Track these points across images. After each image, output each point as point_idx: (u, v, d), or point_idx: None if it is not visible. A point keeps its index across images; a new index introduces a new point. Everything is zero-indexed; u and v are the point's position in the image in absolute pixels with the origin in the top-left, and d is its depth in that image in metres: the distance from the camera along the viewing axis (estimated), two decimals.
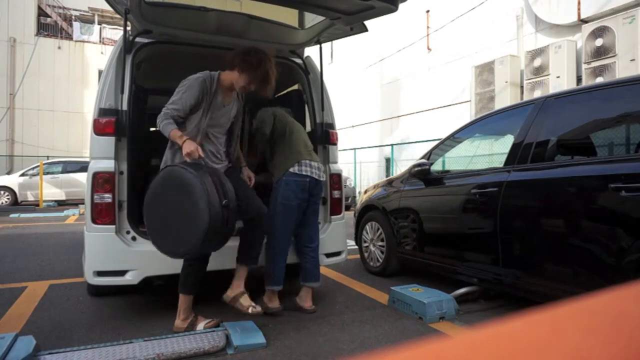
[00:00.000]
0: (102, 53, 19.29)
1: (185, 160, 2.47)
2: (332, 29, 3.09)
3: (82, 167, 12.66)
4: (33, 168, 13.19)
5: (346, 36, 3.28)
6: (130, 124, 2.85)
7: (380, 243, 4.19)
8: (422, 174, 3.71)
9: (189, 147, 2.42)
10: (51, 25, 19.64)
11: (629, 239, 2.19)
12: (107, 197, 2.70)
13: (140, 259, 2.75)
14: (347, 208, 8.84)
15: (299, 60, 3.52)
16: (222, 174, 2.53)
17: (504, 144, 4.36)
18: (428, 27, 11.97)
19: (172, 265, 2.86)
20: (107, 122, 2.76)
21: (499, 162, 3.79)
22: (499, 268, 2.87)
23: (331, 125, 3.47)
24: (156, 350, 2.26)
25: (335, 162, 3.50)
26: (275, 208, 2.96)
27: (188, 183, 2.32)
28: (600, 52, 7.31)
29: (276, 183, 3.04)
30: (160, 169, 2.57)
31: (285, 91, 4.22)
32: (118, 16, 3.98)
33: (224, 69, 2.69)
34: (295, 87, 3.96)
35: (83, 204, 6.57)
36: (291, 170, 2.99)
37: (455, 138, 3.82)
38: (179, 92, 2.59)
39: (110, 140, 2.76)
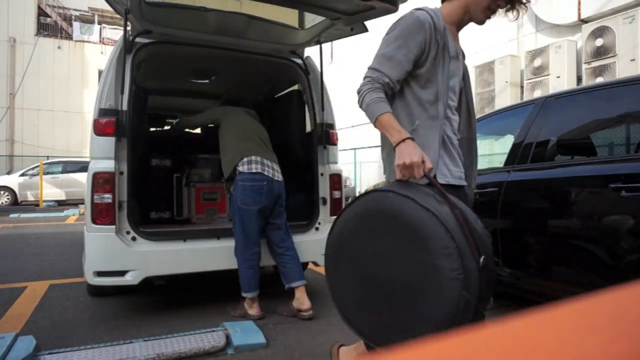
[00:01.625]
0: (102, 53, 19.29)
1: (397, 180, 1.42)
2: (332, 29, 3.09)
3: (82, 167, 12.67)
4: (33, 168, 13.21)
5: (346, 36, 3.28)
6: (130, 124, 2.85)
7: None
8: None
9: (409, 155, 1.36)
10: (51, 25, 19.64)
11: (629, 239, 2.19)
12: (107, 197, 2.70)
13: (140, 259, 2.75)
14: None
15: (299, 61, 3.52)
16: (464, 204, 1.40)
17: (504, 144, 4.36)
18: None
19: (172, 266, 2.86)
20: (107, 122, 2.76)
21: (499, 162, 3.79)
22: (499, 268, 2.87)
23: (331, 126, 3.47)
24: (156, 350, 2.26)
25: (335, 162, 3.50)
26: (234, 214, 2.93)
27: (420, 229, 1.26)
28: (600, 52, 7.31)
29: (233, 188, 2.99)
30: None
31: (285, 91, 4.22)
32: (118, 16, 3.98)
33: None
34: (296, 87, 3.96)
35: (83, 204, 6.57)
36: (240, 169, 2.91)
37: None
38: (392, 39, 1.52)
39: (110, 141, 2.76)
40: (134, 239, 2.79)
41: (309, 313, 2.89)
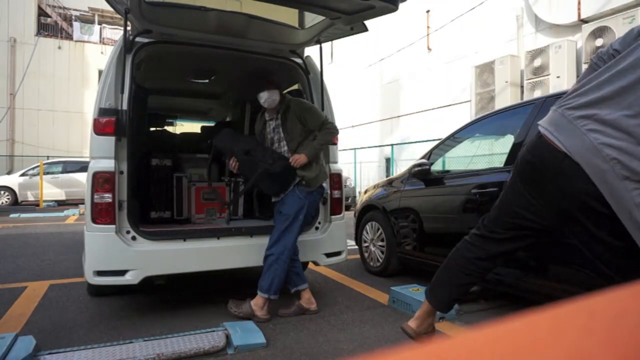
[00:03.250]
0: (102, 53, 19.28)
1: None
2: (332, 29, 3.08)
3: (82, 167, 12.65)
4: (33, 168, 13.20)
5: (346, 36, 3.28)
6: (130, 123, 2.85)
7: (380, 243, 4.18)
8: (422, 174, 3.71)
9: None
10: (51, 25, 19.63)
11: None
12: (107, 197, 2.70)
13: (140, 258, 2.75)
14: (347, 208, 8.83)
15: (299, 60, 3.52)
16: None
17: (504, 144, 4.36)
18: (428, 27, 11.97)
19: (172, 265, 2.86)
20: (107, 122, 2.76)
21: (499, 162, 3.79)
22: (499, 268, 2.87)
23: None
24: (156, 350, 2.26)
25: (335, 162, 3.50)
26: (298, 218, 2.92)
27: None
28: None
29: (307, 193, 2.96)
30: None
31: (285, 91, 4.22)
32: (118, 16, 3.97)
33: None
34: (295, 87, 3.96)
35: (83, 204, 6.57)
36: (324, 184, 3.09)
37: (455, 138, 3.81)
38: None
39: (110, 140, 2.76)
40: (134, 238, 2.79)
41: (316, 309, 3.04)
